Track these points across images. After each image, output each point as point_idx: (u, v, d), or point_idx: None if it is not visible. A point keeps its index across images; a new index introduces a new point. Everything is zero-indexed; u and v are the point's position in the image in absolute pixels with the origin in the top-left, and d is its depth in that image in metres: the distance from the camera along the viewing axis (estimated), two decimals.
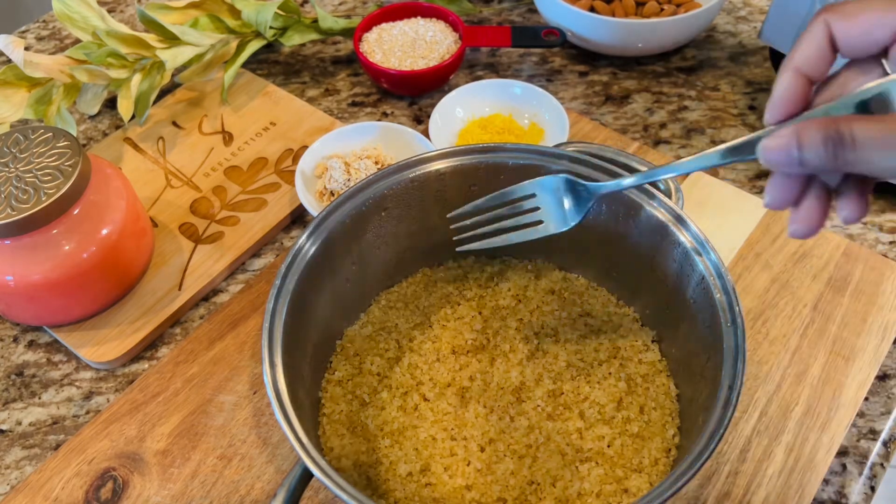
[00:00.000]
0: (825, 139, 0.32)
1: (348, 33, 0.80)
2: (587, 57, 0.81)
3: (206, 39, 0.73)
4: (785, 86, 0.35)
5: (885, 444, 0.53)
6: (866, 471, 0.52)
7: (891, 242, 0.63)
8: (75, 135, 0.62)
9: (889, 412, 0.54)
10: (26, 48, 0.70)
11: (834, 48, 0.35)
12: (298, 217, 0.68)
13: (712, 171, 0.69)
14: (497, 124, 0.70)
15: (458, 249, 0.50)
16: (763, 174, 0.69)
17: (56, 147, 0.55)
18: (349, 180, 0.64)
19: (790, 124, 0.34)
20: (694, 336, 0.49)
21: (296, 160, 0.70)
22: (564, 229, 0.47)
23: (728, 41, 0.83)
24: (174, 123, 0.74)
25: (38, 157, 0.54)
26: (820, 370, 0.56)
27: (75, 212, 0.54)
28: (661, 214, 0.50)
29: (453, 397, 0.52)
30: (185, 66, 0.74)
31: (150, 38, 0.71)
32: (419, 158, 0.54)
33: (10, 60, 0.73)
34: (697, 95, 0.77)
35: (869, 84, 0.33)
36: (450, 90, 0.72)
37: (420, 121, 0.75)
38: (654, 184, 0.53)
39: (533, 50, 0.81)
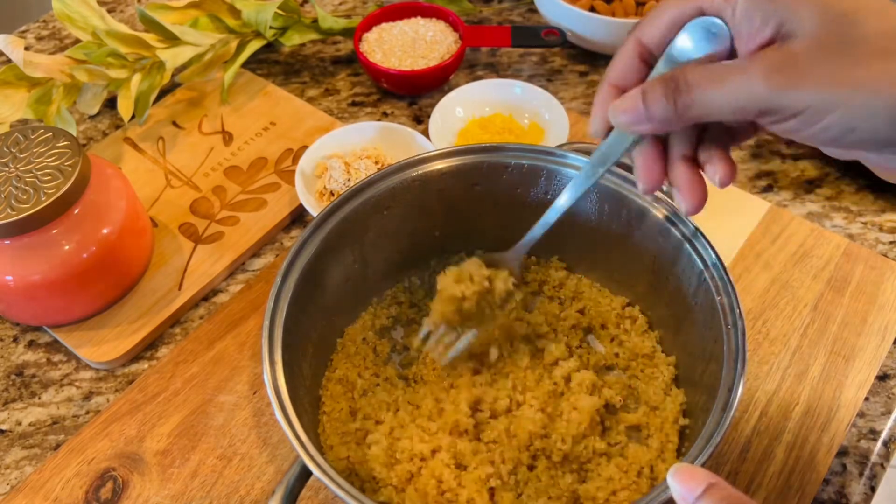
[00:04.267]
0: (665, 90, 0.36)
1: (348, 33, 0.80)
2: (587, 57, 0.81)
3: (206, 39, 0.73)
4: (603, 100, 0.39)
5: (885, 444, 0.53)
6: (866, 471, 0.52)
7: (891, 242, 0.63)
8: (75, 135, 0.62)
9: (889, 412, 0.54)
10: (26, 48, 0.70)
11: (646, 61, 0.38)
12: (298, 217, 0.68)
13: None
14: (497, 124, 0.70)
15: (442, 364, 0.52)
16: (763, 174, 0.69)
17: (56, 147, 0.55)
18: (349, 180, 0.64)
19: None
20: (695, 338, 0.49)
21: (296, 160, 0.70)
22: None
23: None
24: (174, 123, 0.74)
25: (38, 157, 0.54)
26: (820, 370, 0.56)
27: (75, 212, 0.54)
28: (663, 216, 0.50)
29: (453, 397, 0.52)
30: (185, 66, 0.74)
31: (150, 38, 0.71)
32: (420, 158, 0.54)
33: (10, 60, 0.73)
34: None
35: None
36: (450, 90, 0.72)
37: (420, 121, 0.75)
38: None
39: (533, 50, 0.81)
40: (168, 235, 0.64)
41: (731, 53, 0.37)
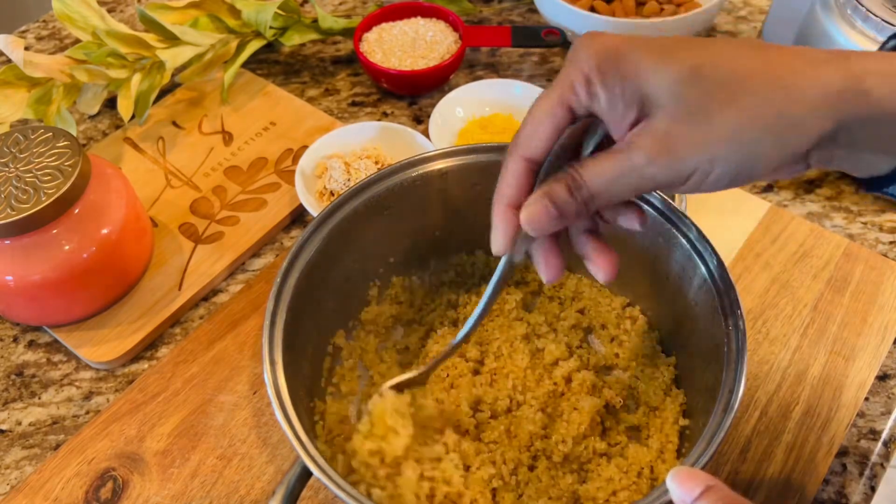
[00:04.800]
0: (568, 188, 0.37)
1: (348, 33, 0.80)
2: None
3: (206, 39, 0.73)
4: (505, 220, 0.39)
5: (885, 444, 0.53)
6: (866, 471, 0.52)
7: (891, 242, 0.63)
8: (75, 135, 0.62)
9: (889, 412, 0.54)
10: (26, 48, 0.70)
11: (534, 172, 0.39)
12: (298, 217, 0.68)
13: None
14: (497, 124, 0.70)
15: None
16: None
17: (56, 147, 0.55)
18: (349, 180, 0.64)
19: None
20: (695, 339, 0.49)
21: (296, 160, 0.70)
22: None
23: None
24: (174, 123, 0.74)
25: (38, 157, 0.54)
26: (820, 370, 0.56)
27: (75, 212, 0.54)
28: (664, 215, 0.50)
29: (453, 397, 0.52)
30: (185, 66, 0.74)
31: (150, 38, 0.71)
32: (420, 158, 0.54)
33: (10, 60, 0.73)
34: None
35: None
36: (450, 90, 0.72)
37: (420, 121, 0.75)
38: None
39: (533, 50, 0.81)
40: (168, 235, 0.64)
41: (610, 138, 0.38)
